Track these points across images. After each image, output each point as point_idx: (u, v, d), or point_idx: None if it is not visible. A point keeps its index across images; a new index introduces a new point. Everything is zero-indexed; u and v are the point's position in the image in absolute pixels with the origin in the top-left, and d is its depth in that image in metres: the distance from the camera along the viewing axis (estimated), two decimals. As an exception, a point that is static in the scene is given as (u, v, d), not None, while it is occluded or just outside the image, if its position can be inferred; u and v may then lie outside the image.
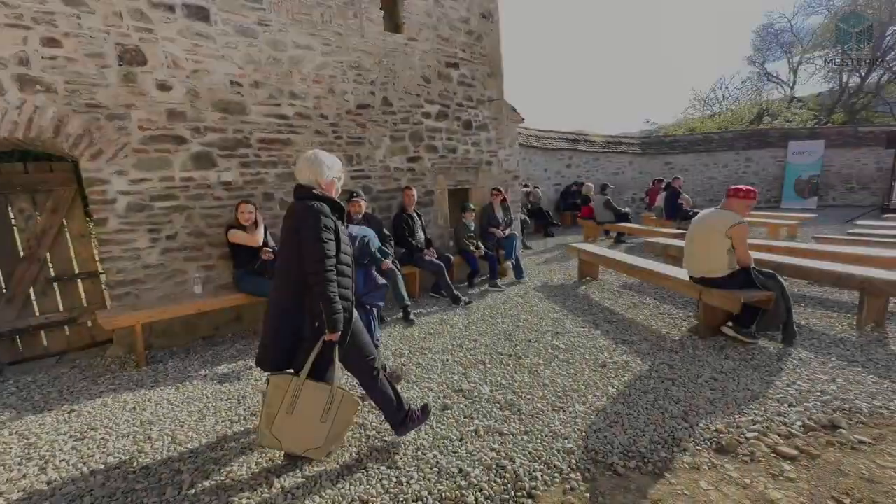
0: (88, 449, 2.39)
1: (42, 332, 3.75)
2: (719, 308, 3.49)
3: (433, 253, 5.14)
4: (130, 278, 3.76)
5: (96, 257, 3.95)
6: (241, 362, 3.55)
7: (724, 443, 2.21)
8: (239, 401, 2.89)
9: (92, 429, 2.60)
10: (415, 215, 5.20)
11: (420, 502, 1.91)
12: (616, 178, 13.75)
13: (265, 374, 3.17)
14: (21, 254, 3.61)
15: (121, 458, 2.30)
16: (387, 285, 3.48)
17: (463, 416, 2.57)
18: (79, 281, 3.90)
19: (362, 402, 2.63)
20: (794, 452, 2.11)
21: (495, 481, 2.01)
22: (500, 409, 2.64)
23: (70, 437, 2.52)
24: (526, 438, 2.32)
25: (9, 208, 3.55)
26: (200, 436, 2.49)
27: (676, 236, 6.53)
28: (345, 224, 2.14)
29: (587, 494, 1.92)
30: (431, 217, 5.76)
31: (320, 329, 1.94)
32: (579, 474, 2.04)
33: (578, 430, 2.38)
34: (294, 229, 1.95)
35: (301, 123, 4.48)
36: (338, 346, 2.00)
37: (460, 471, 2.08)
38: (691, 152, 14.26)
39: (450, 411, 2.64)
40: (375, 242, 3.42)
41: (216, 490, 2.02)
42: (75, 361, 3.68)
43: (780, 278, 3.40)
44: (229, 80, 4.02)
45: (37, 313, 3.72)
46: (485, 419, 2.53)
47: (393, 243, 4.87)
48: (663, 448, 2.20)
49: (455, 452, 2.23)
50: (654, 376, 2.97)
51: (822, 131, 13.87)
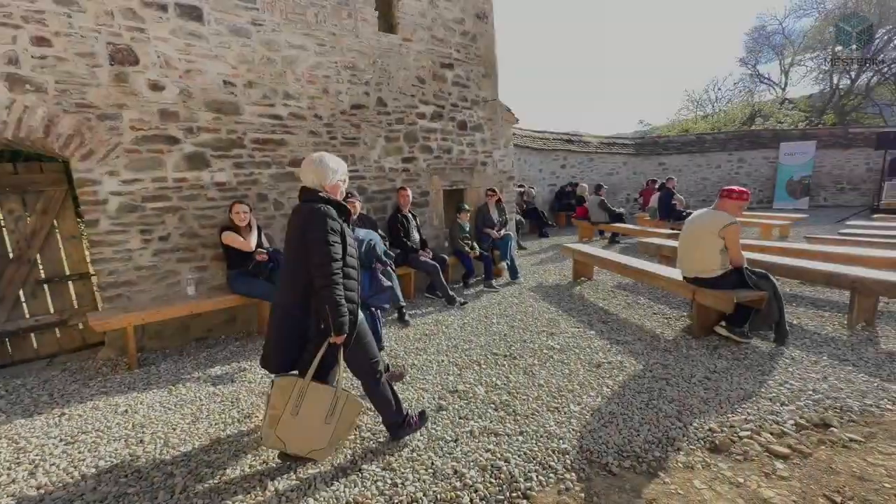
0: (79, 453, 2.36)
1: (32, 335, 3.70)
2: (712, 308, 3.51)
3: (428, 254, 5.14)
4: (122, 280, 3.72)
5: (87, 259, 3.91)
6: (234, 364, 3.53)
7: (717, 442, 2.22)
8: (232, 403, 2.87)
9: (83, 432, 2.57)
10: (410, 216, 5.20)
11: (415, 504, 1.90)
12: (610, 178, 13.82)
13: (269, 375, 3.19)
14: (10, 255, 3.56)
15: (112, 461, 2.28)
16: (392, 287, 3.48)
17: (458, 417, 2.57)
18: (70, 282, 3.86)
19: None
20: (787, 451, 2.13)
21: (490, 482, 2.01)
22: (496, 410, 2.64)
23: (60, 440, 2.49)
24: (521, 439, 2.33)
25: (-2, 209, 3.51)
26: (193, 438, 2.47)
27: (670, 237, 6.57)
28: (350, 227, 2.13)
29: (582, 495, 1.92)
30: (426, 218, 5.76)
31: (325, 331, 1.94)
32: (574, 474, 2.04)
33: (573, 430, 2.39)
34: (300, 232, 1.95)
35: (295, 124, 4.46)
36: (343, 348, 2.00)
37: (455, 472, 2.08)
38: (685, 153, 14.36)
39: (445, 412, 2.64)
40: (381, 246, 3.45)
41: (209, 493, 2.00)
42: (66, 364, 3.64)
43: (772, 278, 3.43)
44: (223, 80, 4.00)
45: (27, 315, 3.67)
46: (480, 420, 2.53)
47: (388, 244, 4.85)
48: (657, 447, 2.21)
49: (450, 453, 2.23)
50: (649, 376, 2.99)
51: (814, 132, 14.00)
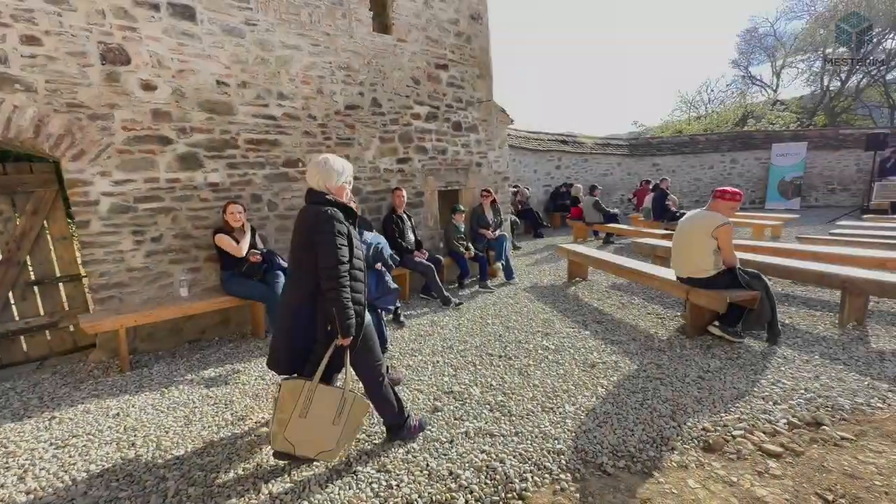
0: (70, 457, 2.33)
1: (22, 338, 3.65)
2: (706, 308, 3.54)
3: (424, 254, 5.13)
4: (114, 281, 3.68)
5: (78, 260, 3.87)
6: (228, 366, 3.50)
7: (711, 441, 2.24)
8: (226, 405, 2.85)
9: (73, 436, 2.54)
10: (405, 217, 5.19)
11: (410, 506, 1.90)
12: (604, 179, 13.89)
13: (267, 379, 3.19)
14: (0, 257, 3.51)
15: (103, 465, 2.25)
16: (399, 289, 3.49)
17: (453, 418, 2.57)
18: (60, 284, 3.81)
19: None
20: (779, 450, 2.14)
21: (486, 483, 2.01)
22: (491, 411, 2.64)
23: (50, 444, 2.46)
24: (516, 439, 2.33)
25: (-13, 210, 3.46)
26: (186, 442, 2.44)
27: (664, 237, 6.60)
28: (356, 228, 2.14)
29: (577, 495, 1.93)
30: (421, 218, 5.75)
31: (332, 333, 1.95)
32: (569, 475, 2.05)
33: (568, 430, 2.39)
34: (307, 234, 1.96)
35: (289, 124, 4.44)
36: (349, 350, 2.01)
37: (451, 473, 2.08)
38: (678, 154, 14.48)
39: (440, 413, 2.63)
40: (388, 250, 3.48)
41: (202, 497, 1.98)
42: (57, 367, 3.59)
43: (764, 278, 3.45)
44: (216, 80, 3.97)
45: (16, 318, 3.62)
46: (475, 421, 2.53)
47: None
48: (652, 447, 2.22)
49: (445, 455, 2.22)
50: (643, 376, 3.00)
51: (805, 134, 14.17)
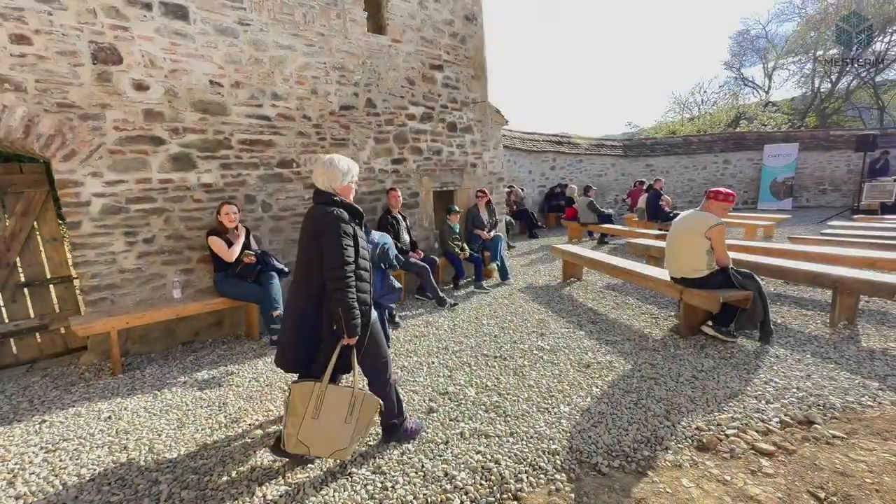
0: (60, 461, 2.31)
1: (11, 340, 3.60)
2: (699, 307, 3.56)
3: (419, 255, 5.13)
4: (106, 283, 3.65)
5: (69, 261, 3.83)
6: (222, 368, 3.47)
7: (704, 440, 2.25)
8: (220, 407, 2.83)
9: (64, 439, 2.51)
10: (400, 217, 5.18)
11: (405, 507, 1.89)
12: (599, 179, 13.94)
13: (277, 378, 3.19)
14: (-12, 258, 3.47)
15: (95, 469, 2.22)
16: (401, 288, 3.50)
17: (448, 419, 2.57)
18: (51, 286, 3.76)
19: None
20: (772, 448, 2.16)
21: (481, 484, 2.01)
22: (486, 412, 2.64)
23: (41, 448, 2.43)
24: (511, 440, 2.33)
25: (-25, 211, 3.42)
26: (179, 445, 2.42)
27: (658, 237, 6.64)
28: (362, 228, 2.15)
29: (572, 495, 1.93)
30: (416, 219, 5.74)
31: (338, 333, 1.96)
32: (564, 475, 2.05)
33: (563, 430, 2.40)
34: (313, 234, 1.97)
35: (284, 124, 4.42)
36: (356, 348, 2.02)
37: (446, 474, 2.07)
38: (672, 155, 14.56)
39: (435, 414, 2.63)
40: (394, 250, 3.50)
41: (196, 500, 1.96)
42: (47, 370, 3.55)
43: (757, 278, 3.48)
44: (209, 80, 3.95)
45: (6, 320, 3.56)
46: (470, 422, 2.53)
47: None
48: (646, 447, 2.23)
49: (440, 456, 2.22)
50: (637, 376, 3.01)
51: (796, 135, 14.30)
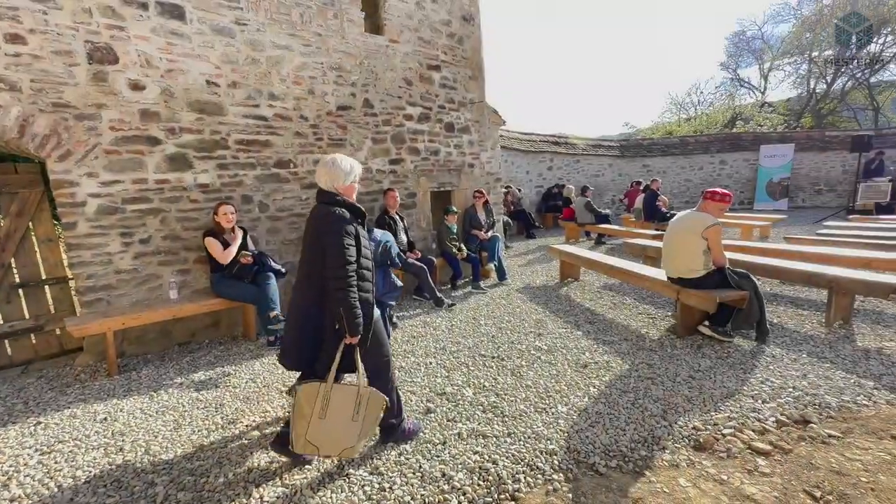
0: (56, 463, 2.29)
1: (6, 341, 3.58)
2: (696, 307, 3.57)
3: (416, 255, 5.12)
4: (101, 284, 3.63)
5: (65, 262, 3.80)
6: (218, 369, 3.46)
7: (701, 440, 2.25)
8: (216, 409, 2.81)
9: (60, 441, 2.49)
10: (397, 217, 5.17)
11: (403, 508, 1.89)
12: (596, 180, 13.97)
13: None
14: (-17, 259, 3.45)
15: (90, 471, 2.21)
16: (402, 287, 3.52)
17: (446, 420, 2.56)
18: (46, 287, 3.74)
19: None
20: (768, 448, 2.17)
21: (479, 484, 2.00)
22: (484, 412, 2.64)
23: (36, 450, 2.41)
24: (509, 440, 2.33)
25: (-31, 212, 3.40)
26: (175, 446, 2.41)
27: (654, 238, 6.65)
28: (364, 227, 2.16)
29: (569, 495, 1.93)
30: (414, 219, 5.74)
31: (341, 332, 1.97)
32: (562, 475, 2.05)
33: (561, 430, 2.40)
34: (316, 234, 1.99)
35: (281, 125, 4.41)
36: (359, 347, 2.03)
37: (443, 475, 2.07)
38: (668, 155, 14.60)
39: (433, 415, 2.62)
40: (396, 248, 3.51)
41: (192, 502, 1.96)
42: (42, 371, 3.53)
43: (753, 278, 3.50)
44: (206, 80, 3.93)
45: (0, 321, 3.55)
46: (468, 422, 2.53)
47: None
48: (643, 447, 2.23)
49: (438, 456, 2.22)
50: (634, 376, 3.02)
51: (792, 135, 14.38)
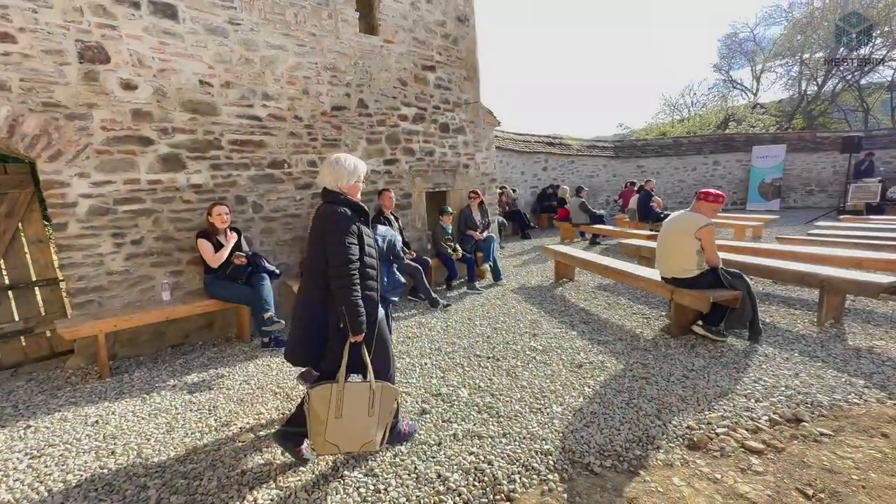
0: (46, 467, 2.26)
1: (-5, 344, 3.54)
2: (690, 307, 3.59)
3: (411, 256, 5.11)
4: (93, 285, 3.59)
5: (56, 264, 3.76)
6: (212, 371, 3.43)
7: (695, 439, 2.27)
8: (210, 411, 2.79)
9: (50, 445, 2.46)
10: (392, 218, 5.16)
11: (398, 510, 1.88)
12: (591, 180, 14.03)
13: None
14: (-29, 261, 3.40)
15: (81, 475, 2.19)
16: (405, 283, 3.50)
17: (441, 421, 2.56)
18: (36, 289, 3.70)
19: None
20: (761, 446, 2.18)
21: (474, 485, 2.00)
22: (479, 413, 2.64)
23: (25, 454, 2.38)
24: (504, 441, 2.33)
25: (-43, 212, 3.35)
26: (168, 449, 2.39)
27: (649, 238, 6.68)
28: (368, 226, 2.16)
29: (565, 495, 1.93)
30: (409, 220, 5.73)
31: (345, 330, 1.97)
32: (557, 475, 2.06)
33: (556, 430, 2.40)
34: (321, 233, 2.00)
35: (275, 125, 4.39)
36: (365, 345, 2.03)
37: (439, 476, 2.07)
38: (662, 156, 14.70)
39: (428, 416, 2.62)
40: (399, 244, 3.51)
41: (185, 505, 1.94)
42: (32, 374, 3.48)
43: (746, 278, 3.52)
44: (199, 80, 3.91)
45: (-11, 324, 3.51)
46: (463, 423, 2.53)
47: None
48: (638, 446, 2.24)
49: (433, 457, 2.21)
50: (629, 375, 3.03)
51: (784, 136, 14.53)
